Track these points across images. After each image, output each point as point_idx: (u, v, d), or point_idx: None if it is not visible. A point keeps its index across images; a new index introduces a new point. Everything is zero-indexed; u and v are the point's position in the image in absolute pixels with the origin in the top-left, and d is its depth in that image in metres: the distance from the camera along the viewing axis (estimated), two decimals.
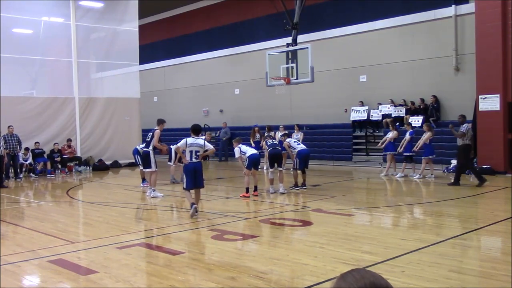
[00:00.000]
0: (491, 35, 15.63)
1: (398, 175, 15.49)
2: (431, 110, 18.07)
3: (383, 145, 16.14)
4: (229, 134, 24.25)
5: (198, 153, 9.40)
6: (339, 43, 21.07)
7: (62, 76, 21.56)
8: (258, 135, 19.83)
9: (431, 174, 14.93)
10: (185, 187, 9.49)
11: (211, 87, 26.52)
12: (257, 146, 19.94)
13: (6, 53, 18.76)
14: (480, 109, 15.93)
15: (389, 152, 15.87)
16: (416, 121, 17.55)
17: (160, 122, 12.77)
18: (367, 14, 20.16)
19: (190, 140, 9.46)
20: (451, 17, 17.88)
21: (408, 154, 15.45)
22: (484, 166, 15.31)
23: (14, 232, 8.78)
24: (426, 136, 14.87)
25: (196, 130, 9.71)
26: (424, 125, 15.69)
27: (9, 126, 17.92)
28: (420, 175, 15.01)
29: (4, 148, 17.65)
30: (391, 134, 15.94)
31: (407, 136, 15.64)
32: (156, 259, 6.52)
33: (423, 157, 15.02)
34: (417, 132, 15.91)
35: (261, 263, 6.13)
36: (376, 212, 10.07)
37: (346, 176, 17.30)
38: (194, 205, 9.21)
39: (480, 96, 15.96)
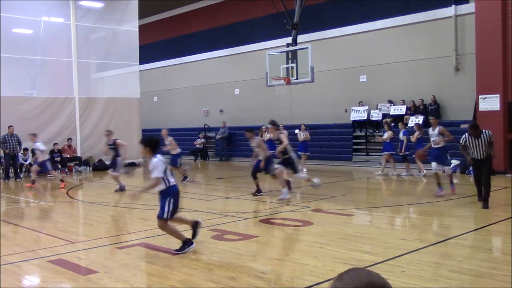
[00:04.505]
0: (491, 35, 15.63)
1: (404, 174, 15.82)
2: (431, 110, 18.07)
3: (380, 139, 16.66)
4: (227, 133, 24.26)
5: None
6: (339, 43, 21.06)
7: (62, 76, 21.57)
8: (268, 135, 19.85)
9: (419, 172, 15.46)
10: (167, 216, 6.77)
11: (211, 87, 26.51)
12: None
13: (6, 53, 18.74)
14: (480, 109, 15.93)
15: (386, 152, 16.05)
16: (417, 120, 17.57)
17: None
18: (367, 14, 20.15)
19: (162, 157, 6.86)
20: (451, 17, 17.88)
21: (404, 153, 15.99)
22: None
23: (14, 232, 8.78)
24: (415, 135, 15.36)
25: (157, 144, 7.00)
26: (414, 125, 16.12)
27: (9, 126, 17.92)
28: (407, 173, 15.72)
29: (3, 148, 17.69)
30: (386, 135, 16.16)
31: (401, 136, 15.94)
32: (156, 259, 6.52)
33: (414, 156, 15.36)
34: (411, 133, 16.20)
35: (261, 263, 6.13)
36: (376, 212, 10.07)
37: (346, 176, 17.30)
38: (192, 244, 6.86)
39: (480, 96, 15.96)
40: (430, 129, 12.14)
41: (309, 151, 18.73)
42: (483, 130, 9.93)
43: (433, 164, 11.57)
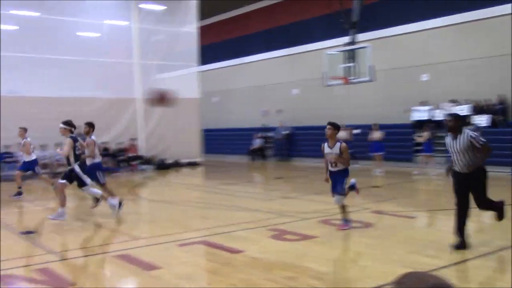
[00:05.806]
0: None
1: (416, 172, 16.12)
2: (496, 110, 17.37)
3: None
4: (288, 132, 24.23)
5: None
6: (399, 41, 20.61)
7: (125, 78, 22.28)
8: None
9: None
10: None
11: (269, 87, 26.63)
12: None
13: (71, 55, 19.63)
14: None
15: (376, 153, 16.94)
16: (482, 120, 16.96)
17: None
18: (428, 12, 19.61)
19: None
20: None
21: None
22: None
23: (82, 228, 9.17)
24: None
25: None
26: (423, 127, 16.50)
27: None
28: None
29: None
30: (377, 135, 16.92)
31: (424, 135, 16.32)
32: (216, 257, 6.64)
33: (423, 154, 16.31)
34: None
35: (320, 264, 6.12)
36: (438, 214, 9.80)
37: (406, 177, 16.92)
38: None
39: None
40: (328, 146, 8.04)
41: (384, 151, 17.59)
42: (464, 130, 6.51)
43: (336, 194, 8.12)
